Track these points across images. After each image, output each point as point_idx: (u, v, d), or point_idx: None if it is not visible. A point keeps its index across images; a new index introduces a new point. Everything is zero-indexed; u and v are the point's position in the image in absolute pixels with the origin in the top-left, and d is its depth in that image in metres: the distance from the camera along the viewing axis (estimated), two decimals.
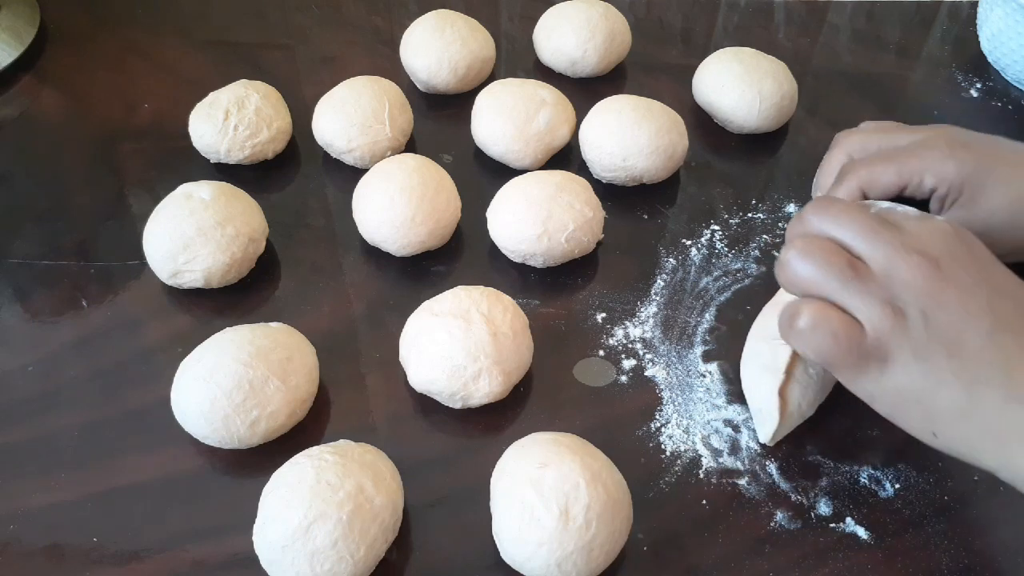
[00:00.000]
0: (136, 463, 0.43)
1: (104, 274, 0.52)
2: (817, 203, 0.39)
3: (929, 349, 0.34)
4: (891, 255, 0.35)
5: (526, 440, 0.41)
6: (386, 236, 0.50)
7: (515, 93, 0.57)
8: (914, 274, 0.35)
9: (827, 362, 0.36)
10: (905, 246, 0.35)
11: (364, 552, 0.37)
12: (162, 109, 0.62)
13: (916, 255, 0.35)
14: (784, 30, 0.72)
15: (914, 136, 0.46)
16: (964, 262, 0.35)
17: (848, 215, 0.37)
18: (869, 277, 0.35)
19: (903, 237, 0.36)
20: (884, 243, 0.36)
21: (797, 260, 0.37)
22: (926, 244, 0.35)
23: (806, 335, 0.36)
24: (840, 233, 0.37)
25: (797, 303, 0.37)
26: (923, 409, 0.35)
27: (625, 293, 0.51)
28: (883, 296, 0.35)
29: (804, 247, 0.37)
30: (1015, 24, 0.63)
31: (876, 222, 0.37)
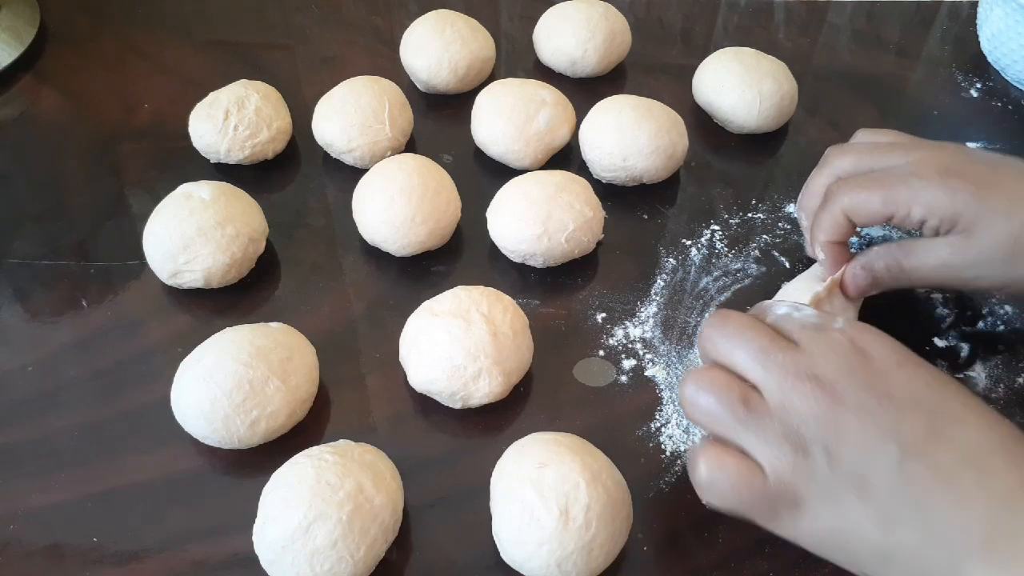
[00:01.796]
0: (136, 463, 0.43)
1: (104, 274, 0.52)
2: (714, 319, 0.36)
3: (837, 490, 0.31)
4: (783, 383, 0.33)
5: (526, 440, 0.41)
6: (386, 236, 0.50)
7: (515, 93, 0.57)
8: (809, 404, 0.32)
9: (733, 512, 0.34)
10: (798, 371, 0.33)
11: (364, 552, 0.37)
12: (162, 109, 0.62)
13: (809, 382, 0.32)
14: (784, 30, 0.72)
15: (907, 157, 0.43)
16: (863, 380, 0.32)
17: (741, 335, 0.35)
18: (764, 411, 0.33)
19: (797, 359, 0.33)
20: (776, 369, 0.33)
21: (693, 394, 0.35)
22: (820, 366, 0.33)
23: (706, 488, 0.34)
24: (732, 357, 0.35)
25: (695, 451, 0.35)
26: (846, 554, 0.32)
27: (625, 293, 0.51)
28: (781, 432, 0.32)
29: (698, 379, 0.35)
30: (1015, 24, 0.63)
31: (768, 343, 0.34)
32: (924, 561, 0.30)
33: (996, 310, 0.51)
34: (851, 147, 0.46)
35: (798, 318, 0.36)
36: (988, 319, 0.51)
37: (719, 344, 0.35)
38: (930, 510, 0.30)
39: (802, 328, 0.35)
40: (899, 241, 0.44)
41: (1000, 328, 0.50)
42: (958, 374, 0.48)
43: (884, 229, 0.56)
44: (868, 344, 0.34)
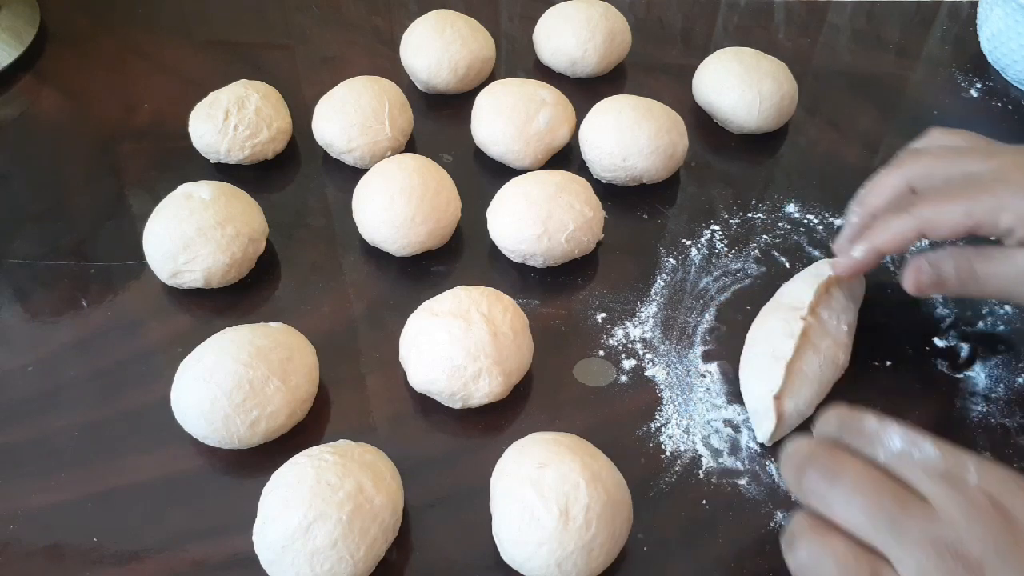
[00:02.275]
0: (136, 463, 0.43)
1: (104, 274, 0.52)
2: (821, 464, 0.31)
3: None
4: (924, 562, 0.28)
5: (526, 440, 0.41)
6: (386, 236, 0.50)
7: (515, 93, 0.57)
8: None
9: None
10: (939, 546, 0.28)
11: (364, 552, 0.37)
12: (162, 109, 0.62)
13: (955, 560, 0.27)
14: (784, 30, 0.72)
15: (988, 163, 0.39)
16: (1013, 558, 0.27)
17: (862, 493, 0.30)
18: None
19: (936, 530, 0.28)
20: (914, 544, 0.28)
21: (812, 560, 0.30)
22: (964, 540, 0.28)
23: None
24: (856, 520, 0.30)
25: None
26: None
27: (625, 293, 0.51)
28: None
29: (816, 549, 0.30)
30: (1015, 24, 0.63)
31: (899, 508, 0.29)
32: None
33: (996, 310, 0.51)
34: (926, 152, 0.43)
35: (920, 461, 0.30)
36: (988, 319, 0.51)
37: (834, 503, 0.30)
38: None
39: (931, 481, 0.30)
40: (975, 246, 0.41)
41: (1000, 328, 0.50)
42: (958, 374, 0.48)
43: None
44: (1009, 502, 0.29)
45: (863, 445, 0.32)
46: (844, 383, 0.46)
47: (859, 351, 0.47)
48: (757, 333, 0.47)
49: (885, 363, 0.48)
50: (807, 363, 0.44)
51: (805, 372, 0.44)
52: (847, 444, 0.32)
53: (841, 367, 0.46)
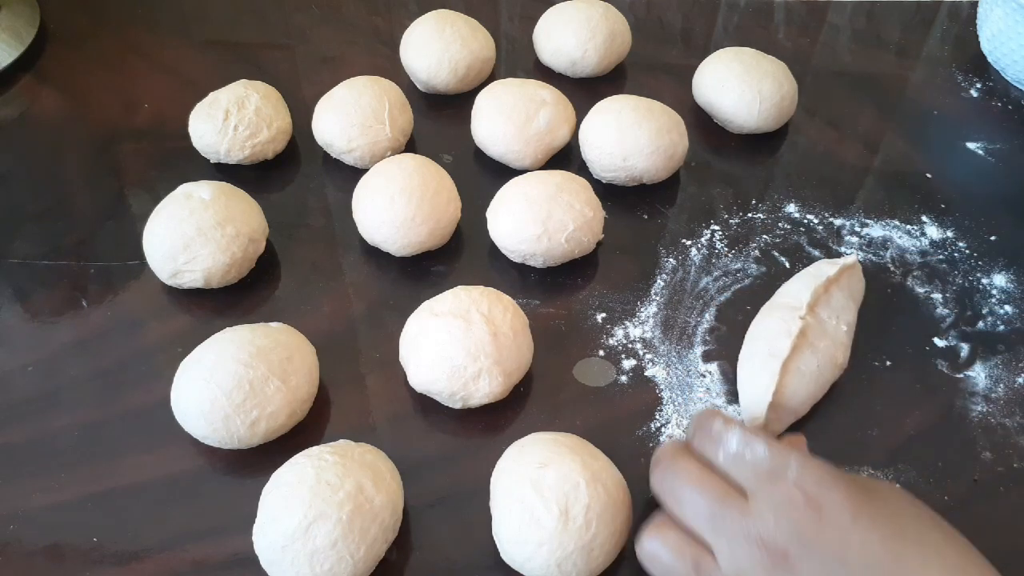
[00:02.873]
0: (136, 463, 0.43)
1: (104, 274, 0.52)
2: (663, 457, 0.36)
3: None
4: (735, 551, 0.32)
5: (526, 440, 0.41)
6: (386, 236, 0.50)
7: (515, 93, 0.57)
8: (760, 574, 0.32)
9: None
10: (748, 536, 0.32)
11: (364, 552, 0.37)
12: (162, 109, 0.62)
13: (761, 549, 0.32)
14: (784, 30, 0.72)
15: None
16: (816, 544, 0.31)
17: (691, 488, 0.34)
18: (716, 571, 0.33)
19: (747, 523, 0.32)
20: (728, 534, 0.33)
21: (650, 557, 0.35)
22: (772, 530, 0.32)
23: None
24: (684, 512, 0.35)
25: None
26: None
27: (625, 293, 0.51)
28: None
29: (651, 544, 0.35)
30: (1015, 24, 0.63)
31: (718, 502, 0.33)
32: None
33: (996, 310, 0.51)
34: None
35: (750, 461, 0.34)
36: (988, 319, 0.51)
37: (668, 495, 0.36)
38: None
39: (755, 476, 0.34)
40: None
41: (1000, 328, 0.50)
42: (958, 374, 0.48)
43: (884, 228, 0.56)
44: (823, 497, 0.32)
45: (707, 447, 0.36)
46: (844, 383, 0.46)
47: (859, 351, 0.47)
48: (755, 332, 0.47)
49: (885, 363, 0.48)
50: (804, 362, 0.44)
51: (802, 371, 0.44)
52: (697, 446, 0.37)
53: (840, 367, 0.46)
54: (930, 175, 0.60)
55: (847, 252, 0.54)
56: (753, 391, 0.44)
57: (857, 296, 0.49)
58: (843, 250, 0.54)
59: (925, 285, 0.52)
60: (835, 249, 0.54)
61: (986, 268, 0.53)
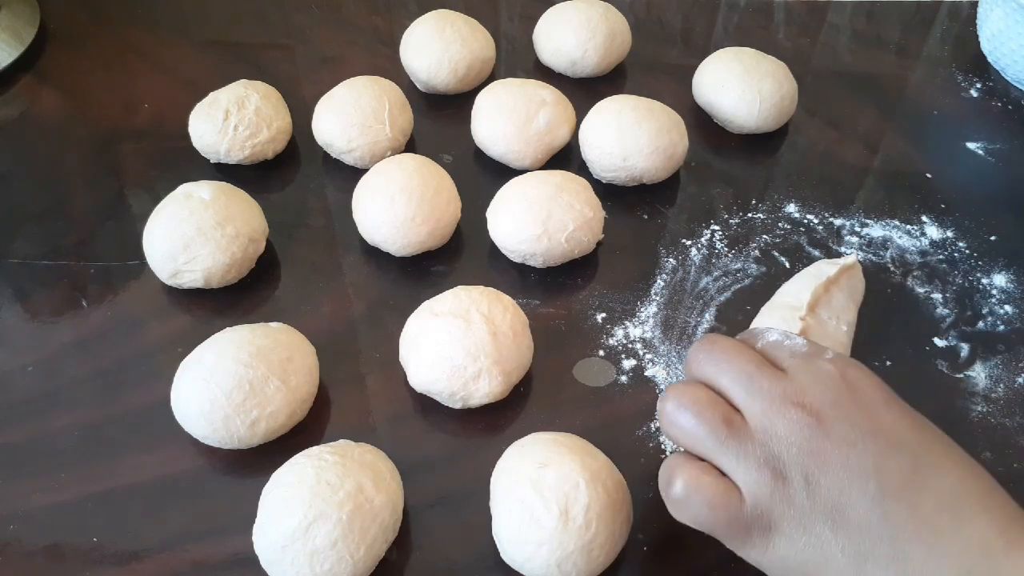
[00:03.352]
0: (136, 463, 0.43)
1: (104, 274, 0.52)
2: (702, 342, 0.36)
3: (813, 519, 0.31)
4: (768, 408, 0.32)
5: (526, 440, 0.41)
6: (386, 236, 0.50)
7: (515, 93, 0.57)
8: (792, 431, 0.32)
9: (706, 531, 0.33)
10: (784, 397, 0.32)
11: (364, 552, 0.37)
12: (162, 109, 0.62)
13: (795, 409, 0.32)
14: (784, 30, 0.72)
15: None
16: (849, 413, 0.32)
17: (728, 359, 0.34)
18: (746, 435, 0.32)
19: (784, 387, 0.33)
20: (762, 395, 0.33)
21: (674, 412, 0.34)
22: (807, 394, 0.32)
23: (681, 504, 0.33)
24: (719, 379, 0.34)
25: (672, 466, 0.34)
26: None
27: (625, 293, 0.51)
28: (762, 457, 0.32)
29: (678, 398, 0.34)
30: (1015, 24, 0.63)
31: (756, 368, 0.34)
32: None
33: (996, 310, 0.51)
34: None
35: (788, 346, 0.35)
36: (988, 319, 0.51)
37: (705, 366, 0.35)
38: (906, 550, 0.30)
39: (791, 356, 0.34)
40: None
41: (1000, 328, 0.50)
42: (958, 374, 0.48)
43: (884, 228, 0.56)
44: (857, 379, 0.33)
45: (747, 338, 0.37)
46: None
47: (859, 351, 0.47)
48: None
49: (885, 363, 0.48)
50: None
51: None
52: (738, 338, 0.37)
53: None
54: (930, 175, 0.60)
55: (847, 252, 0.54)
56: None
57: (857, 296, 0.49)
58: (843, 250, 0.54)
59: (925, 285, 0.52)
60: (835, 249, 0.54)
61: (986, 268, 0.53)
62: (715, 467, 0.33)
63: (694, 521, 0.33)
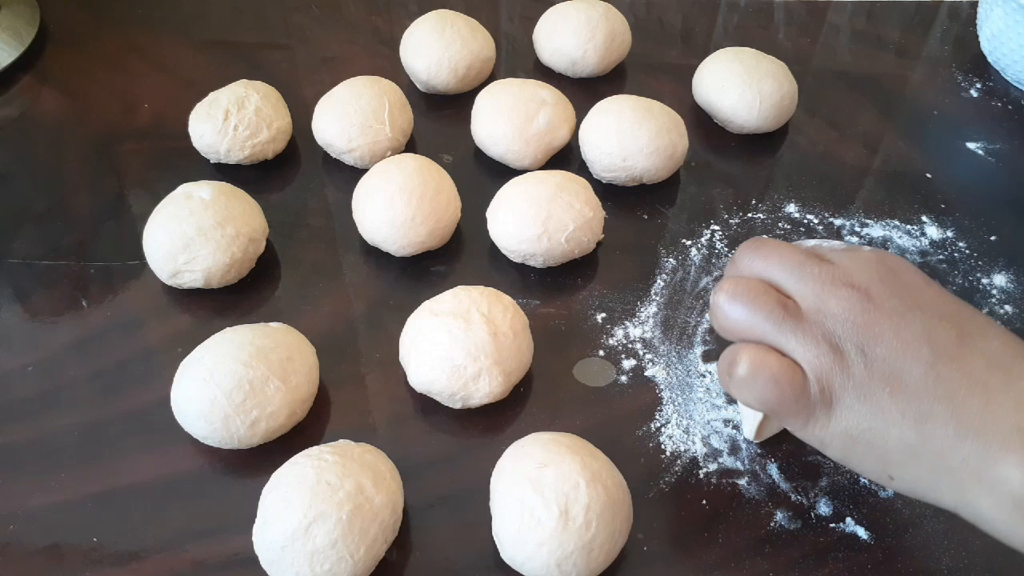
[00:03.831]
0: (136, 463, 0.43)
1: (104, 274, 0.52)
2: (748, 243, 0.38)
3: (871, 387, 0.33)
4: (819, 290, 0.34)
5: (526, 440, 0.41)
6: (386, 236, 0.50)
7: (515, 93, 0.57)
8: (845, 307, 0.34)
9: (772, 410, 0.35)
10: (834, 280, 0.35)
11: (364, 552, 0.37)
12: (162, 109, 0.62)
13: (845, 288, 0.34)
14: (784, 30, 0.72)
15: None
16: (894, 289, 0.34)
17: (776, 252, 0.36)
18: (801, 316, 0.34)
19: (832, 270, 0.35)
20: (812, 278, 0.35)
21: (727, 304, 0.36)
22: (854, 275, 0.35)
23: (747, 383, 0.35)
24: (769, 272, 0.36)
25: (735, 350, 0.35)
26: (875, 452, 0.34)
27: (625, 293, 0.51)
28: (819, 334, 0.34)
29: (732, 289, 0.36)
30: (1015, 24, 0.63)
31: (803, 258, 0.36)
32: (952, 455, 0.32)
33: (996, 310, 0.51)
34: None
35: (827, 245, 0.38)
36: None
37: (754, 261, 0.37)
38: (962, 407, 0.32)
39: (832, 251, 0.37)
40: None
41: None
42: None
43: (884, 228, 0.56)
44: (896, 263, 0.36)
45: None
46: None
47: None
48: None
49: None
50: None
51: None
52: None
53: None
54: (930, 175, 0.60)
55: None
56: None
57: None
58: None
59: None
60: None
61: (986, 268, 0.53)
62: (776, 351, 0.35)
63: (760, 400, 0.35)
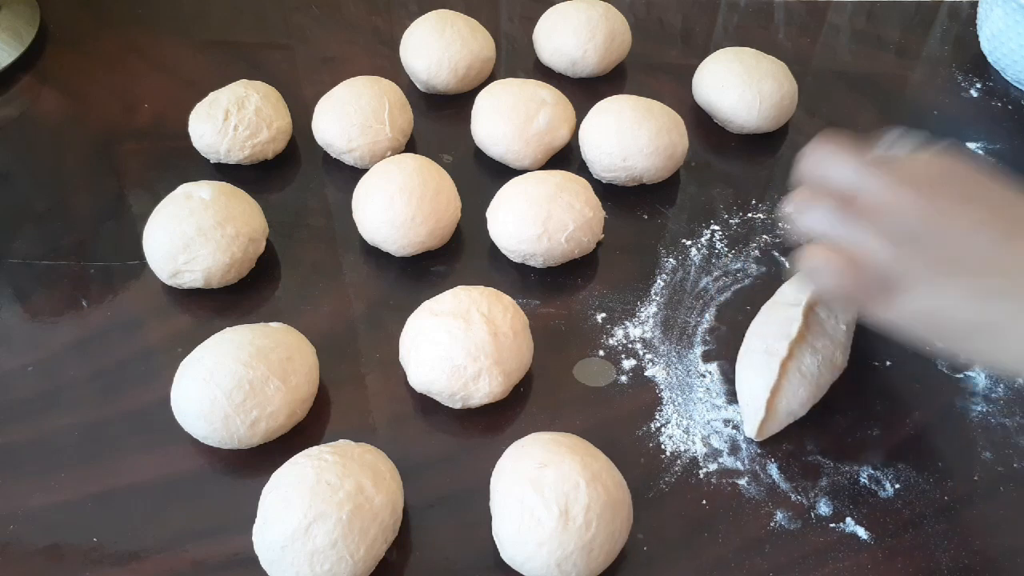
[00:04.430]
0: (136, 463, 0.43)
1: (104, 274, 0.52)
2: (812, 149, 0.40)
3: (936, 271, 0.35)
4: (882, 188, 0.37)
5: (526, 440, 0.41)
6: (386, 236, 0.50)
7: (515, 93, 0.57)
8: (910, 200, 0.36)
9: (846, 295, 0.38)
10: (896, 179, 0.37)
11: (364, 552, 0.37)
12: (162, 109, 0.62)
13: (908, 184, 0.36)
14: (784, 30, 0.72)
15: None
16: (956, 181, 0.36)
17: (838, 159, 0.38)
18: (866, 211, 0.37)
19: (894, 171, 0.37)
20: (875, 179, 0.37)
21: (798, 213, 0.39)
22: (915, 173, 0.37)
23: (822, 273, 0.38)
24: (832, 173, 0.38)
25: (813, 248, 0.38)
26: (936, 328, 0.36)
27: (625, 293, 0.51)
28: (883, 226, 0.36)
29: (800, 199, 0.39)
30: (1015, 24, 0.63)
31: (865, 162, 0.38)
32: (1010, 332, 0.34)
33: None
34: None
35: (893, 152, 0.40)
36: None
37: (818, 166, 0.39)
38: (1019, 279, 0.34)
39: (895, 157, 0.39)
40: None
41: None
42: (958, 374, 0.48)
43: None
44: (952, 163, 0.37)
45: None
46: (843, 383, 0.46)
47: (859, 351, 0.47)
48: (755, 331, 0.47)
49: (885, 363, 0.48)
50: (804, 363, 0.44)
51: (801, 371, 0.44)
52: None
53: (839, 367, 0.46)
54: None
55: None
56: (752, 391, 0.44)
57: None
58: None
59: None
60: None
61: None
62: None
63: (835, 287, 0.38)
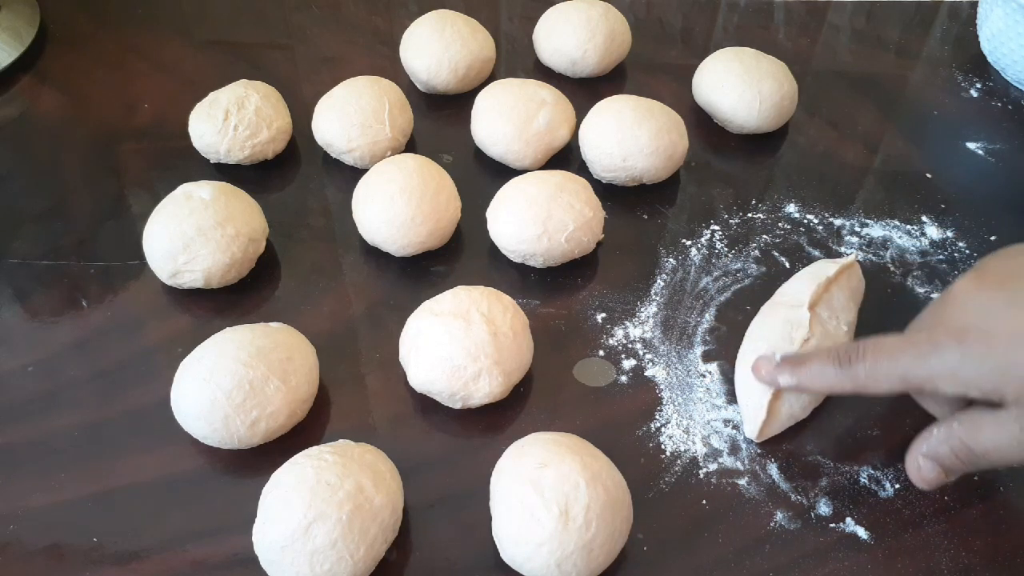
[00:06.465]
0: (136, 463, 0.43)
1: (104, 274, 0.52)
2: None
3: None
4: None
5: (526, 440, 0.41)
6: (386, 236, 0.50)
7: (515, 93, 0.57)
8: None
9: None
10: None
11: (364, 552, 0.37)
12: (162, 109, 0.62)
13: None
14: (784, 30, 0.72)
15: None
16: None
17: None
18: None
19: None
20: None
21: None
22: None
23: None
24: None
25: None
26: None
27: (625, 293, 0.51)
28: None
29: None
30: (1015, 24, 0.63)
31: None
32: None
33: None
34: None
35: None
36: None
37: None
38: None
39: None
40: (961, 416, 0.38)
41: None
42: None
43: (884, 228, 0.56)
44: None
45: None
46: None
47: None
48: (755, 331, 0.47)
49: None
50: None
51: None
52: None
53: None
54: (930, 175, 0.60)
55: (847, 252, 0.54)
56: (752, 391, 0.44)
57: (857, 296, 0.49)
58: (843, 250, 0.54)
59: (925, 285, 0.52)
60: (835, 249, 0.54)
61: None
62: None
63: None
